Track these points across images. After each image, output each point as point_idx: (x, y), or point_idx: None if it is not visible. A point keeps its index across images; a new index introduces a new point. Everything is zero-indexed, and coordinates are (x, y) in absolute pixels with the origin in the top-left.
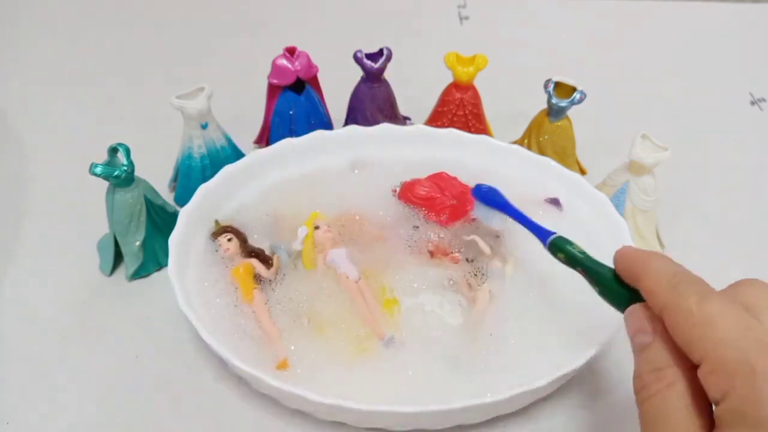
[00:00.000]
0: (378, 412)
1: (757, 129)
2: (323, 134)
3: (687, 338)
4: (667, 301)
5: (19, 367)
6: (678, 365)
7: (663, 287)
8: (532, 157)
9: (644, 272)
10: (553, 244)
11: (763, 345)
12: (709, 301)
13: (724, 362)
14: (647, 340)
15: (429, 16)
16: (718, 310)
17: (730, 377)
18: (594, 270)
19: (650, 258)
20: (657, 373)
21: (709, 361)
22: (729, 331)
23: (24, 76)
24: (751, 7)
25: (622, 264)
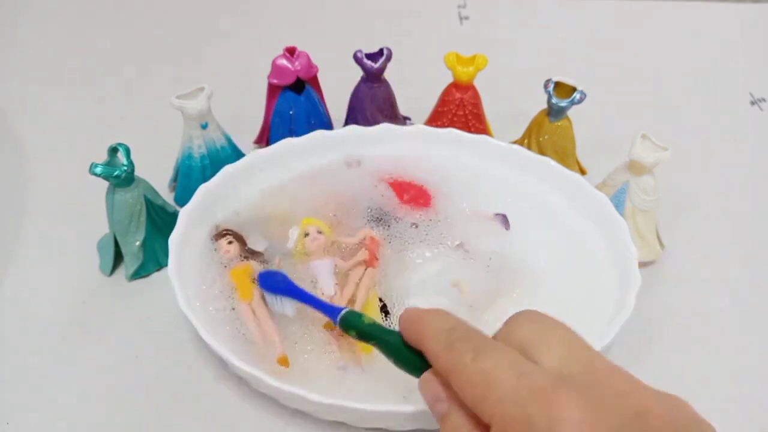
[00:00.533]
0: (378, 412)
1: (757, 129)
2: (323, 134)
3: (472, 400)
4: (447, 365)
5: (19, 367)
6: (478, 427)
7: (441, 348)
8: (532, 157)
9: (424, 333)
10: (343, 321)
11: (538, 392)
12: (483, 356)
13: (508, 421)
14: (444, 408)
15: (429, 16)
16: (492, 364)
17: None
18: (384, 339)
19: (428, 318)
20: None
21: (495, 421)
22: (505, 384)
23: (24, 76)
24: (751, 7)
25: (405, 327)
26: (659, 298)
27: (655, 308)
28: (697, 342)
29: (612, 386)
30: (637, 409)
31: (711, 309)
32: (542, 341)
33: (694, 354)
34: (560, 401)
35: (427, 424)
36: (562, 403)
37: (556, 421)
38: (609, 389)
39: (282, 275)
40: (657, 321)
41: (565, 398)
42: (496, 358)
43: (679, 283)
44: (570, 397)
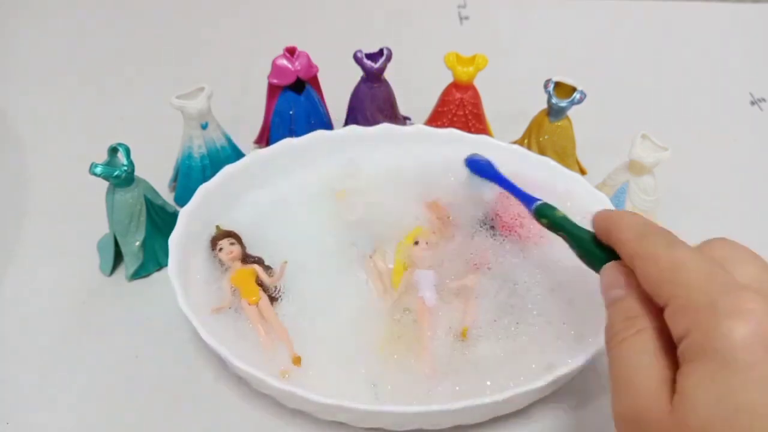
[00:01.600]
0: (378, 412)
1: (757, 129)
2: (323, 134)
3: (655, 283)
4: (637, 249)
5: (19, 367)
6: (648, 315)
7: (633, 237)
8: (532, 157)
9: (617, 226)
10: (537, 210)
11: (726, 287)
12: (677, 248)
13: (687, 301)
14: (620, 294)
15: (429, 16)
16: (685, 256)
17: (693, 314)
18: (574, 233)
19: (623, 214)
20: (628, 321)
21: (674, 301)
22: (694, 273)
23: (24, 76)
24: (751, 7)
25: (599, 223)
26: None
27: None
28: None
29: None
30: None
31: None
32: (736, 260)
33: None
34: (746, 296)
35: (427, 424)
36: (748, 298)
37: (740, 308)
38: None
39: (489, 162)
40: None
41: (752, 296)
42: (688, 253)
43: None
44: (756, 296)
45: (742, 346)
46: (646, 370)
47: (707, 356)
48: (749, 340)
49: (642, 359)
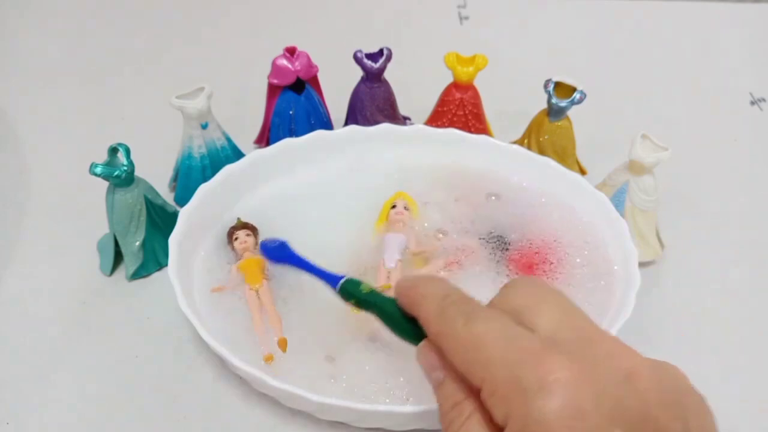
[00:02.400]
0: (378, 412)
1: (757, 129)
2: (323, 134)
3: (462, 365)
4: (439, 330)
5: (19, 367)
6: (471, 395)
7: (433, 315)
8: (532, 157)
9: (418, 300)
10: (342, 290)
11: (528, 354)
12: (474, 320)
13: (497, 383)
14: (440, 376)
15: (429, 16)
16: (483, 328)
17: (507, 399)
18: (382, 308)
19: (424, 283)
20: (456, 408)
21: (485, 384)
22: (495, 347)
23: (24, 76)
24: (751, 7)
25: (401, 294)
26: (659, 298)
27: (655, 308)
28: (697, 342)
29: (603, 350)
30: (626, 372)
31: (711, 309)
32: (536, 307)
33: (693, 354)
34: (550, 363)
35: (427, 424)
36: (552, 365)
37: (545, 381)
38: (600, 352)
39: (282, 243)
40: (657, 321)
41: (555, 360)
42: (486, 322)
43: (679, 283)
44: (560, 359)
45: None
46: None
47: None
48: (564, 416)
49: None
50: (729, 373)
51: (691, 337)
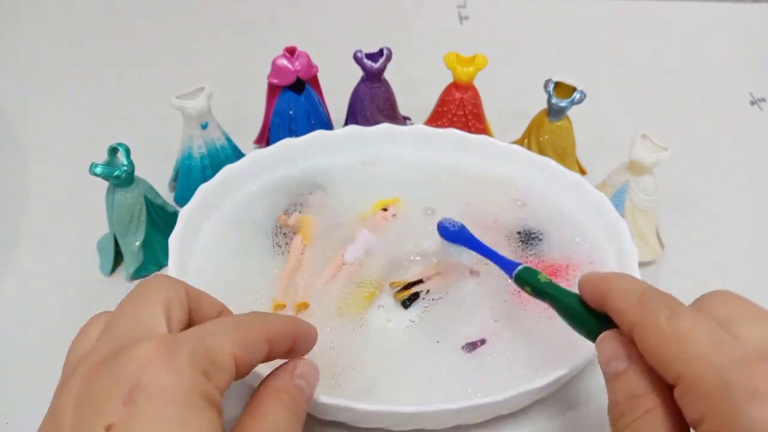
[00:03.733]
0: (378, 412)
1: (757, 129)
2: (323, 134)
3: (659, 357)
4: (637, 319)
5: (19, 367)
6: (655, 390)
7: (631, 305)
8: (532, 157)
9: (610, 293)
10: (518, 277)
11: (738, 360)
12: (680, 316)
13: (698, 382)
14: (621, 367)
15: (429, 16)
16: (690, 325)
17: (706, 398)
18: (562, 300)
19: (615, 278)
20: (634, 400)
21: (683, 381)
22: (702, 347)
23: (24, 76)
24: (751, 7)
25: (588, 288)
26: None
27: None
28: None
29: None
30: None
31: None
32: (742, 319)
33: None
34: (761, 373)
35: (427, 424)
36: (763, 376)
37: (759, 389)
38: None
39: (461, 225)
40: None
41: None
42: (693, 321)
43: (679, 283)
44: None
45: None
46: None
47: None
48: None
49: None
50: None
51: None
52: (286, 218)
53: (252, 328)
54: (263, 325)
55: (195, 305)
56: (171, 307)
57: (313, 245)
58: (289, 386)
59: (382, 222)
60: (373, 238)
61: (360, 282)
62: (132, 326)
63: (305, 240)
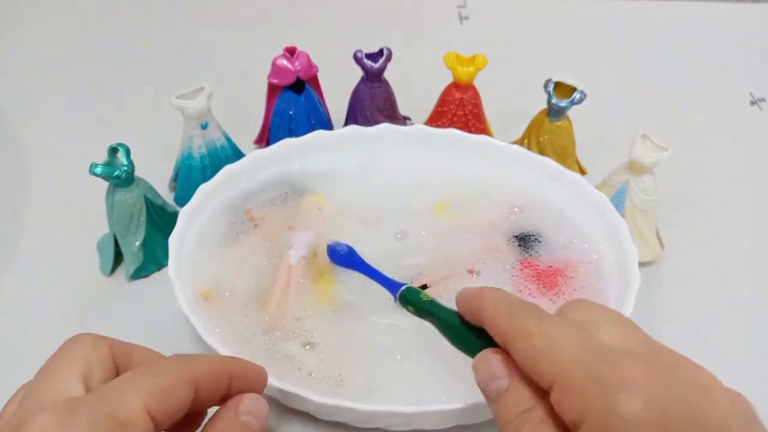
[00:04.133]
0: (378, 412)
1: (757, 129)
2: (323, 134)
3: (532, 362)
4: (508, 328)
5: (20, 367)
6: (541, 401)
7: (502, 315)
8: (532, 157)
9: (484, 305)
10: (402, 297)
11: (603, 357)
12: (547, 322)
13: (571, 380)
14: (503, 384)
15: (429, 16)
16: (556, 328)
17: (580, 395)
18: (441, 317)
19: (487, 291)
20: (525, 415)
21: (558, 382)
22: (569, 347)
23: (24, 76)
24: (751, 7)
25: (463, 303)
26: (659, 298)
27: (655, 308)
28: (697, 342)
29: (672, 361)
30: (701, 382)
31: (711, 309)
32: (599, 322)
33: (693, 354)
34: (629, 364)
35: (426, 424)
36: (631, 366)
37: (627, 380)
38: (670, 363)
39: (349, 248)
40: (657, 321)
41: (633, 362)
42: (559, 325)
43: (679, 283)
44: (637, 362)
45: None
46: None
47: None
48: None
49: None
50: (729, 373)
51: (691, 337)
52: (253, 213)
53: (170, 374)
54: (185, 368)
55: (123, 361)
56: (90, 367)
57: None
58: (233, 425)
59: (312, 219)
60: (311, 234)
61: (314, 278)
62: (41, 395)
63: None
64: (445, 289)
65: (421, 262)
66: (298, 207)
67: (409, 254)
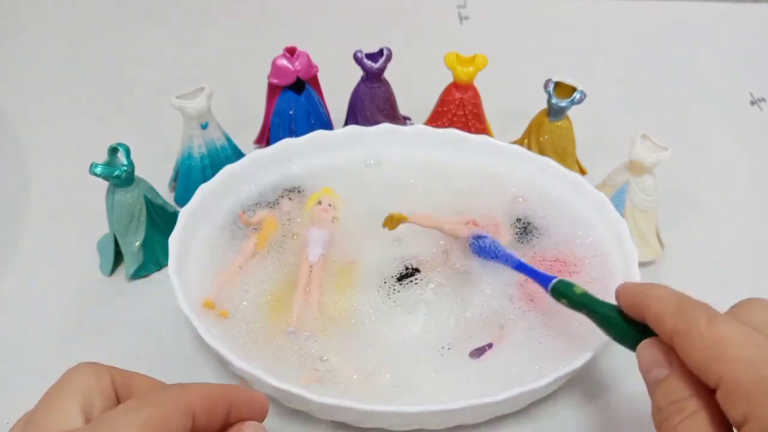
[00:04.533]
0: (378, 412)
1: (757, 129)
2: (323, 134)
3: (700, 362)
4: (677, 327)
5: (19, 367)
6: (697, 394)
7: (670, 313)
8: (532, 157)
9: (648, 302)
10: (554, 290)
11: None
12: (718, 322)
13: (740, 382)
14: (663, 373)
15: (429, 16)
16: (728, 329)
17: (749, 398)
18: (599, 312)
19: (652, 288)
20: (677, 404)
21: (725, 382)
22: (741, 349)
23: (24, 76)
24: (751, 7)
25: (625, 298)
26: None
27: None
28: None
29: None
30: None
31: None
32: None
33: None
34: None
35: (427, 424)
36: None
37: None
38: None
39: (492, 241)
40: None
41: None
42: (730, 325)
43: (679, 283)
44: None
45: None
46: None
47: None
48: None
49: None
50: None
51: None
52: (248, 217)
53: (166, 405)
54: (181, 398)
55: (123, 390)
56: (91, 398)
57: (267, 254)
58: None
59: (324, 215)
60: (325, 232)
61: (331, 273)
62: (40, 426)
63: (259, 245)
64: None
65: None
66: (298, 207)
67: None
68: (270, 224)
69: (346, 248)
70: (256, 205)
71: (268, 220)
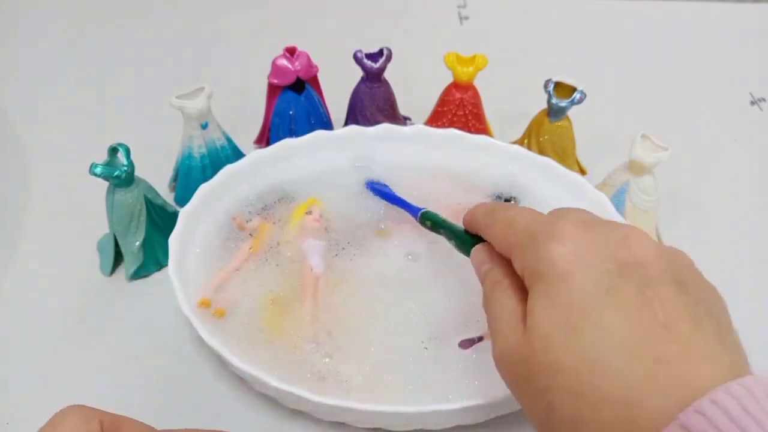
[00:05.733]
0: (378, 412)
1: (757, 129)
2: (323, 134)
3: (500, 241)
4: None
5: (19, 367)
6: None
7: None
8: (532, 157)
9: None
10: (422, 216)
11: (544, 221)
12: (511, 209)
13: (518, 242)
14: (488, 267)
15: (429, 16)
16: (516, 211)
17: (522, 249)
18: (452, 229)
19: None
20: (497, 284)
21: (513, 251)
22: (522, 220)
23: (24, 76)
24: (751, 7)
25: (465, 218)
26: None
27: None
28: None
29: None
30: (623, 235)
31: None
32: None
33: None
34: (560, 225)
35: (427, 424)
36: (561, 226)
37: (552, 233)
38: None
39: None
40: None
41: (564, 223)
42: (520, 210)
43: None
44: (567, 223)
45: (559, 259)
46: (507, 313)
47: (539, 278)
48: (565, 254)
49: (504, 306)
50: None
51: None
52: (243, 221)
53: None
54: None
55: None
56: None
57: (264, 256)
58: None
59: (315, 225)
60: (321, 243)
61: (336, 282)
62: None
63: (254, 248)
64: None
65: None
66: (298, 207)
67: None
68: (264, 229)
69: (345, 252)
70: (253, 207)
71: (263, 226)
